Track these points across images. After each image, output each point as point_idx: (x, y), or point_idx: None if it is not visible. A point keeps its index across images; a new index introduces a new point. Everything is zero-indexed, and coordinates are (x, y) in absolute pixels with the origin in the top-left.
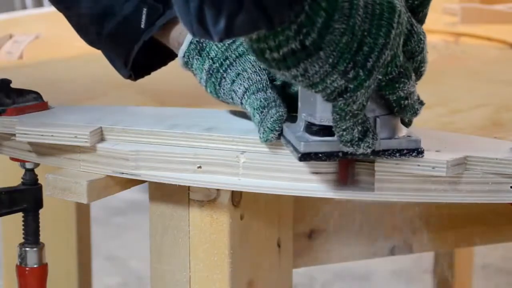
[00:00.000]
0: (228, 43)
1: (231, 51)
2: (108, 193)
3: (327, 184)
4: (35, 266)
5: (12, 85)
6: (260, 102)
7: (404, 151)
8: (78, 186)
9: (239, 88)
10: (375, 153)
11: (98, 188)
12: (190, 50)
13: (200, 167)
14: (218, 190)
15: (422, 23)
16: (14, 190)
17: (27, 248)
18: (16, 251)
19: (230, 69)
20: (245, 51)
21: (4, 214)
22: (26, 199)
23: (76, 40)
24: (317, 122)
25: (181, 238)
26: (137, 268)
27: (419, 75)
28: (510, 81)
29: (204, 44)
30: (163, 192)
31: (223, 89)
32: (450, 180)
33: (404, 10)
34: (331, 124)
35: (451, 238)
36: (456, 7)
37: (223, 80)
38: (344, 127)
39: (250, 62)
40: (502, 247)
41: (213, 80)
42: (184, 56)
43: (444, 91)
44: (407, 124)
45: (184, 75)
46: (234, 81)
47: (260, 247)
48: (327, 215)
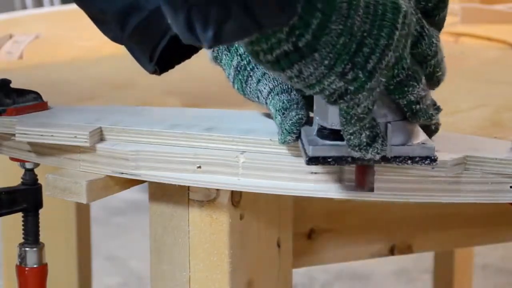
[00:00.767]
0: None
1: None
2: (108, 193)
3: (327, 184)
4: (35, 266)
5: (12, 85)
6: (283, 103)
7: (417, 159)
8: (77, 186)
9: (264, 88)
10: (386, 159)
11: (98, 188)
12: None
13: (200, 167)
14: (218, 190)
15: (439, 27)
16: (14, 190)
17: (27, 248)
18: (16, 251)
19: (257, 68)
20: None
21: (4, 214)
22: (26, 199)
23: (76, 40)
24: (328, 126)
25: (181, 238)
26: (137, 268)
27: (436, 81)
28: (510, 81)
29: None
30: (163, 192)
31: (249, 87)
32: (450, 180)
33: (413, 11)
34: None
35: (451, 238)
36: (456, 7)
37: (250, 78)
38: (351, 131)
39: None
40: (502, 247)
41: (240, 77)
42: (213, 51)
43: (444, 91)
44: (433, 131)
45: (185, 75)
46: (259, 80)
47: (260, 247)
48: (327, 215)
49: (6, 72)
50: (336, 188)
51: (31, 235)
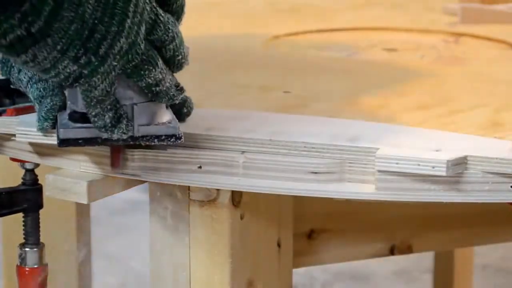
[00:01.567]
0: None
1: None
2: (108, 193)
3: (327, 184)
4: (35, 266)
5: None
6: (39, 92)
7: (162, 137)
8: (78, 187)
9: (24, 77)
10: (134, 138)
11: (98, 189)
12: None
13: (200, 167)
14: (218, 190)
15: (178, 14)
16: (14, 190)
17: (27, 249)
18: (16, 251)
19: None
20: None
21: (4, 215)
22: (26, 199)
23: None
24: (78, 110)
25: (181, 238)
26: (137, 268)
27: (177, 64)
28: (510, 81)
29: None
30: (163, 192)
31: (12, 77)
32: (450, 180)
33: (146, 1)
34: None
35: (451, 238)
36: (456, 7)
37: (12, 69)
38: (94, 113)
39: None
40: (502, 247)
41: (5, 68)
42: None
43: (444, 91)
44: (184, 115)
45: (185, 75)
46: (20, 70)
47: (260, 247)
48: (327, 215)
49: None
50: (336, 188)
51: (32, 235)
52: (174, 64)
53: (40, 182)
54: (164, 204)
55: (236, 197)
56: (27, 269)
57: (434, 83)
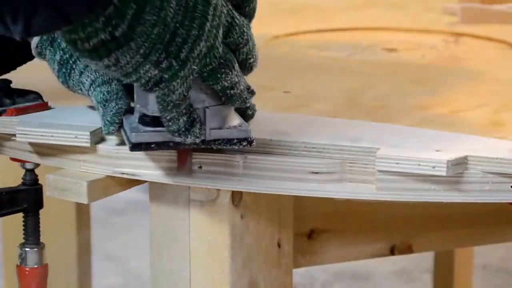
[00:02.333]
0: None
1: None
2: (108, 193)
3: (327, 184)
4: (36, 266)
5: (13, 85)
6: (103, 95)
7: (234, 141)
8: (78, 187)
9: (86, 80)
10: (206, 142)
11: (98, 189)
12: (42, 41)
13: (200, 167)
14: (218, 190)
15: (250, 17)
16: (14, 190)
17: (27, 249)
18: (16, 251)
19: (79, 60)
20: None
21: (4, 215)
22: (26, 200)
23: None
24: (149, 113)
25: (181, 238)
26: (137, 268)
27: (248, 67)
28: (510, 81)
29: (55, 35)
30: (163, 192)
31: (72, 80)
32: (450, 180)
33: (223, 3)
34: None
35: (451, 238)
36: (456, 7)
37: (73, 71)
38: (169, 117)
39: None
40: (502, 247)
41: (63, 70)
42: (37, 47)
43: (444, 91)
44: (249, 116)
45: None
46: (82, 72)
47: (260, 247)
48: (327, 215)
49: None
50: (337, 188)
51: (32, 235)
52: (246, 67)
53: (40, 182)
54: (164, 204)
55: (236, 197)
56: (27, 269)
57: (434, 83)
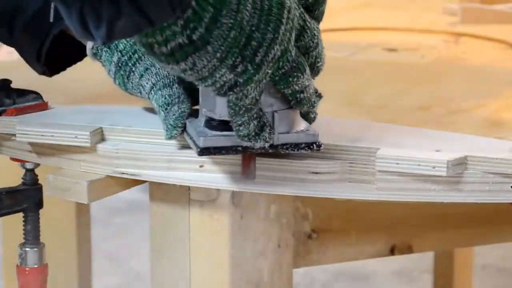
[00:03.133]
0: None
1: None
2: (108, 193)
3: (327, 184)
4: (35, 266)
5: (13, 85)
6: (165, 98)
7: (302, 145)
8: (78, 186)
9: (147, 83)
10: (274, 147)
11: (98, 188)
12: None
13: (202, 166)
14: (218, 190)
15: (318, 20)
16: (14, 190)
17: (27, 248)
18: (16, 251)
19: (139, 63)
20: None
21: (4, 214)
22: (26, 199)
23: None
24: (216, 117)
25: (181, 238)
26: (137, 268)
27: (316, 71)
28: (510, 81)
29: None
30: (163, 192)
31: (131, 82)
32: (450, 180)
33: (295, 6)
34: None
35: (451, 238)
36: (456, 7)
37: (132, 74)
38: (240, 122)
39: None
40: (502, 247)
41: (121, 73)
42: (93, 48)
43: (444, 91)
44: (311, 119)
45: None
46: (142, 75)
47: (260, 247)
48: (327, 215)
49: (7, 72)
50: (337, 188)
51: (32, 235)
52: (314, 70)
53: (40, 182)
54: (164, 204)
55: (236, 197)
56: (27, 269)
57: (434, 83)
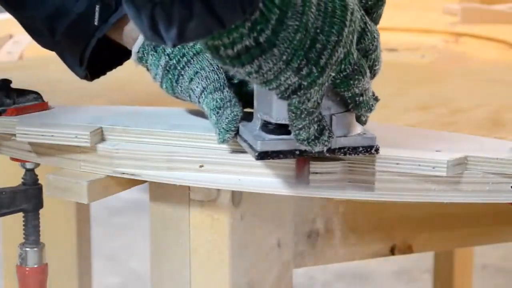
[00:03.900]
0: None
1: (188, 48)
2: (108, 193)
3: (327, 184)
4: (35, 266)
5: (12, 85)
6: (216, 102)
7: (360, 149)
8: (78, 186)
9: (197, 87)
10: (331, 151)
11: (98, 188)
12: (145, 46)
13: (202, 165)
14: (218, 190)
15: (376, 23)
16: (14, 190)
17: (28, 248)
18: (16, 251)
19: (188, 66)
20: (202, 48)
21: (4, 214)
22: (26, 199)
23: None
24: (273, 121)
25: (181, 238)
26: (137, 268)
27: (373, 73)
28: (510, 81)
29: None
30: (163, 192)
31: (180, 86)
32: (450, 180)
33: (357, 8)
34: (287, 122)
35: (451, 238)
36: (456, 7)
37: (181, 77)
38: (300, 126)
39: (207, 60)
40: (502, 247)
41: (169, 76)
42: (138, 52)
43: (444, 91)
44: (362, 122)
45: None
46: (192, 79)
47: (260, 247)
48: (327, 215)
49: (6, 72)
50: (336, 188)
51: (32, 235)
52: (371, 73)
53: (40, 182)
54: (164, 204)
55: (236, 197)
56: (27, 269)
57: (434, 83)
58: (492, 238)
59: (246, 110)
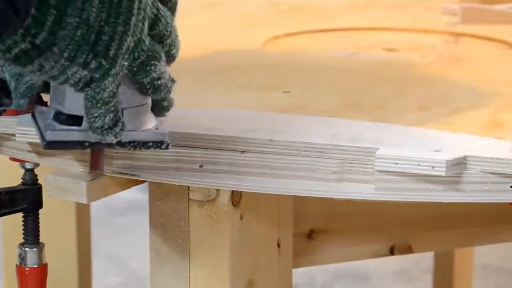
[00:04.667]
0: None
1: None
2: (108, 193)
3: (327, 184)
4: (35, 266)
5: None
6: (17, 69)
7: (150, 143)
8: (78, 186)
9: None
10: (121, 144)
11: (98, 188)
12: None
13: (202, 165)
14: (218, 190)
15: (172, 11)
16: (14, 190)
17: (27, 248)
18: (16, 251)
19: None
20: None
21: (4, 214)
22: (26, 199)
23: None
24: (65, 111)
25: (181, 238)
26: (137, 268)
27: (171, 58)
28: (510, 81)
29: None
30: (163, 192)
31: None
32: (450, 180)
33: None
34: (79, 114)
35: (451, 238)
36: (456, 7)
37: None
38: (96, 114)
39: None
40: (502, 247)
41: None
42: None
43: (444, 91)
44: (164, 109)
45: (185, 76)
46: None
47: (260, 247)
48: (327, 215)
49: None
50: (336, 188)
51: (31, 235)
52: (169, 57)
53: (40, 182)
54: (164, 204)
55: (236, 197)
56: (27, 269)
57: (434, 83)
58: (492, 238)
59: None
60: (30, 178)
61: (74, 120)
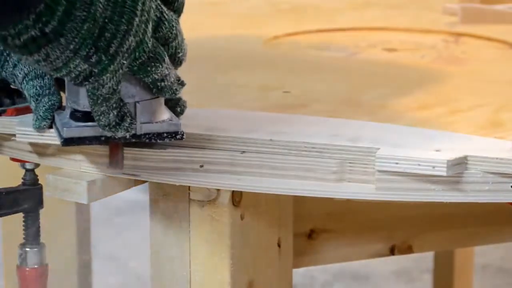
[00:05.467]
0: None
1: None
2: (108, 193)
3: (327, 184)
4: (36, 266)
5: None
6: (36, 89)
7: (165, 135)
8: (78, 187)
9: (20, 73)
10: (137, 136)
11: (98, 189)
12: None
13: (202, 166)
14: (218, 190)
15: (179, 12)
16: (14, 190)
17: (28, 249)
18: (16, 251)
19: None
20: None
21: (4, 215)
22: (26, 200)
23: None
24: (80, 108)
25: (181, 238)
26: (137, 268)
27: (178, 61)
28: (510, 81)
29: None
30: (163, 192)
31: (5, 72)
32: (450, 180)
33: None
34: None
35: (451, 238)
36: (456, 7)
37: (6, 63)
38: (99, 112)
39: None
40: (502, 247)
41: None
42: None
43: (444, 91)
44: (178, 113)
45: (185, 75)
46: (16, 65)
47: (260, 247)
48: (327, 215)
49: None
50: (336, 188)
51: (32, 235)
52: (175, 61)
53: (40, 182)
54: (164, 204)
55: (236, 197)
56: (27, 269)
57: (434, 83)
58: (492, 238)
59: None
60: (31, 178)
61: (89, 116)
